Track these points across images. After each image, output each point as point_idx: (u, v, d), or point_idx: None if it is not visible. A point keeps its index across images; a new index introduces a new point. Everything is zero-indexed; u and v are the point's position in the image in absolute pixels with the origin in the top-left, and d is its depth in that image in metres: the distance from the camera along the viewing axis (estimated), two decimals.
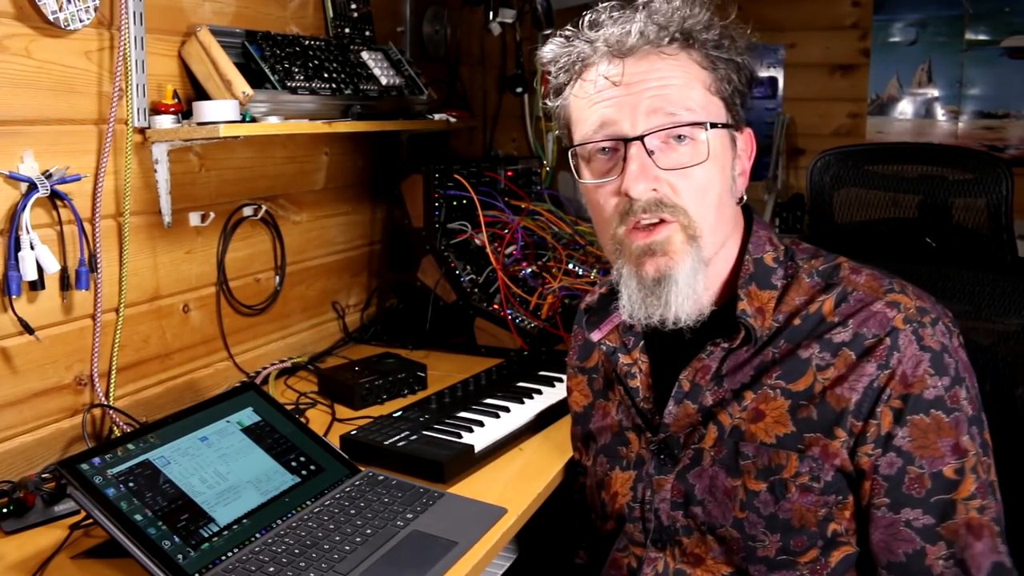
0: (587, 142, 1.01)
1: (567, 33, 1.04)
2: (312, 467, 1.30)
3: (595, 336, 1.16)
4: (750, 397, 1.00)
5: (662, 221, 0.98)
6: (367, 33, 2.09)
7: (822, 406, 0.96)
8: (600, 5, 1.03)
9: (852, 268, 1.02)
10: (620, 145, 0.98)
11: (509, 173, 2.29)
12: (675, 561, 1.07)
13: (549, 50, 1.05)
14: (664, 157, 0.98)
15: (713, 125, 0.98)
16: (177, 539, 1.08)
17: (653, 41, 0.98)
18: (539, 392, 1.64)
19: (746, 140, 1.06)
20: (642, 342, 1.12)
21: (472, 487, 1.33)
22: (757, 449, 0.99)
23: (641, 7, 1.01)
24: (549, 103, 1.08)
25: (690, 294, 0.98)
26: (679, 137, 0.97)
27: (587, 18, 1.03)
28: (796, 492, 0.97)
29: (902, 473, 0.94)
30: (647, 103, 0.97)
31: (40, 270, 1.35)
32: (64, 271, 1.41)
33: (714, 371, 1.03)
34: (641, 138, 0.96)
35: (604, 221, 1.03)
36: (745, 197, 1.06)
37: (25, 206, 1.32)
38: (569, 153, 1.05)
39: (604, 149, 1.00)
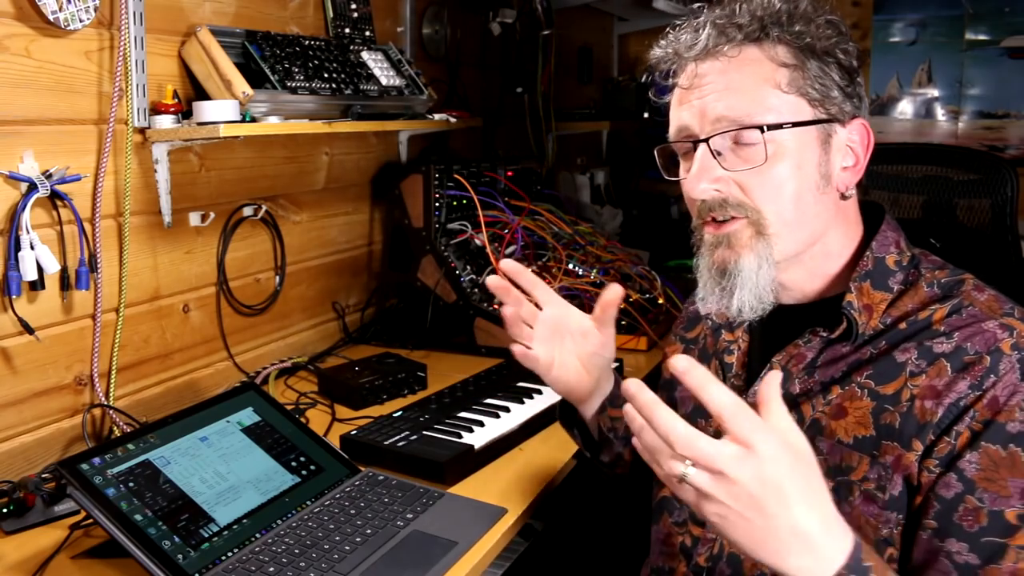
0: (671, 142, 1.06)
1: (669, 35, 1.06)
2: (312, 467, 1.30)
3: (703, 309, 1.17)
4: (836, 392, 0.99)
5: (733, 218, 1.00)
6: (367, 33, 2.09)
7: (906, 416, 0.93)
8: (695, 5, 1.05)
9: (976, 286, 0.99)
10: (692, 146, 1.01)
11: (509, 173, 2.29)
12: (730, 546, 1.05)
13: (654, 54, 1.07)
14: (732, 158, 0.99)
15: (774, 127, 0.96)
16: (177, 539, 1.08)
17: (724, 42, 0.98)
18: (539, 392, 1.64)
19: (856, 132, 1.02)
20: (746, 323, 1.12)
21: (472, 487, 1.33)
22: (832, 447, 0.97)
23: (712, 5, 1.02)
24: (654, 99, 1.12)
25: (753, 288, 0.99)
26: (760, 130, 0.97)
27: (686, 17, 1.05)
28: (859, 497, 0.94)
29: (958, 500, 0.88)
30: (712, 107, 0.98)
31: (40, 270, 1.35)
32: (64, 271, 1.41)
33: (809, 361, 1.02)
34: (706, 140, 0.99)
35: (691, 214, 1.07)
36: (852, 193, 1.03)
37: (25, 206, 1.32)
38: (655, 150, 1.08)
39: (693, 146, 1.02)
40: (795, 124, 0.97)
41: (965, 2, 2.32)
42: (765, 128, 0.96)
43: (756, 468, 0.73)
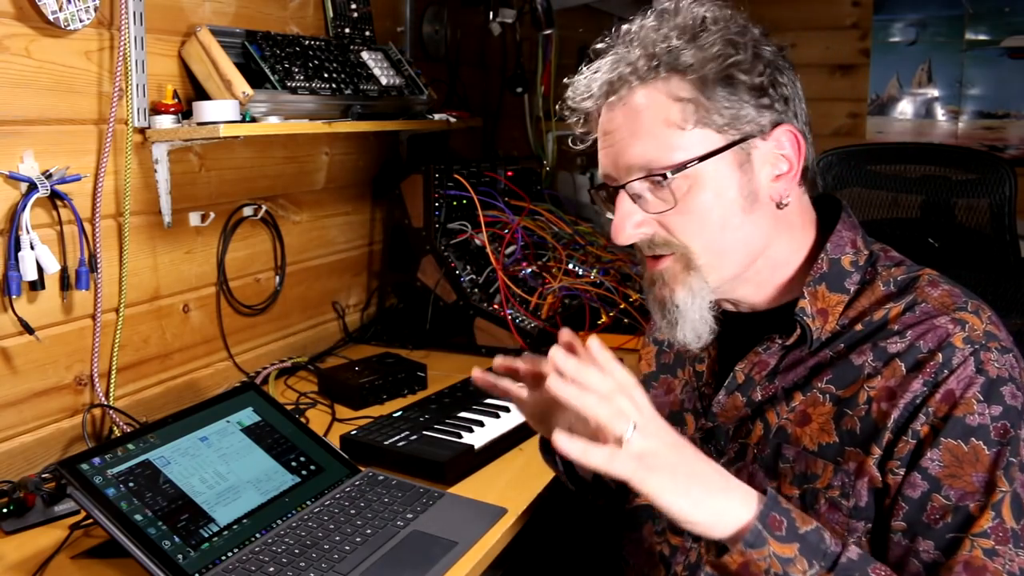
0: (598, 186, 1.06)
1: (579, 77, 1.04)
2: (312, 467, 1.30)
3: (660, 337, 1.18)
4: (799, 398, 0.99)
5: (664, 255, 1.00)
6: (367, 33, 2.09)
7: (864, 419, 0.93)
8: (594, 44, 1.04)
9: (931, 281, 0.98)
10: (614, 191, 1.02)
11: (509, 173, 2.29)
12: (707, 554, 1.05)
13: (571, 91, 1.05)
14: (651, 199, 0.98)
15: (680, 167, 0.95)
16: (177, 539, 1.08)
17: (616, 89, 0.97)
18: None
19: (780, 139, 0.98)
20: (718, 329, 1.11)
21: (472, 487, 1.33)
22: (797, 454, 0.98)
23: (608, 49, 1.01)
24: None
25: (691, 320, 1.00)
26: (657, 182, 0.96)
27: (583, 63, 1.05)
28: (824, 505, 0.94)
29: (926, 499, 0.88)
30: (621, 155, 0.98)
31: (40, 270, 1.35)
32: (64, 271, 1.41)
33: (771, 367, 1.02)
34: (623, 187, 0.99)
35: None
36: (789, 200, 0.99)
37: (25, 206, 1.32)
38: (594, 192, 1.09)
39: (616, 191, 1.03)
40: (703, 158, 0.95)
41: (965, 2, 2.33)
42: (669, 174, 0.95)
43: (661, 428, 0.86)
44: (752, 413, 1.03)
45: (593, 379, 0.84)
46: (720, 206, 0.97)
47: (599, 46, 1.03)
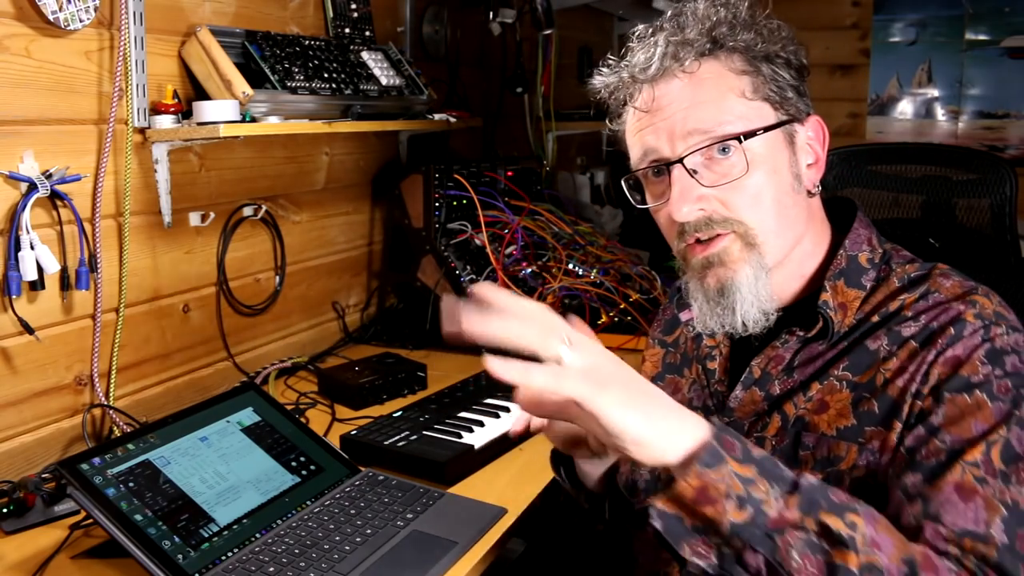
0: (638, 169, 1.04)
1: (610, 62, 1.05)
2: (312, 467, 1.30)
3: (684, 316, 1.17)
4: (816, 388, 0.99)
5: (718, 235, 0.99)
6: (367, 33, 2.09)
7: (882, 399, 0.94)
8: (632, 29, 1.04)
9: (943, 273, 1.00)
10: (665, 169, 1.00)
11: (509, 173, 2.29)
12: (657, 493, 1.04)
13: (599, 81, 1.06)
14: (709, 174, 0.98)
15: (750, 134, 0.96)
16: (177, 539, 1.08)
17: (679, 59, 0.98)
18: None
19: (813, 129, 1.03)
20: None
21: (472, 487, 1.33)
22: (818, 440, 0.98)
23: (662, 27, 1.01)
24: (613, 127, 1.09)
25: (754, 301, 0.99)
26: (723, 150, 0.97)
27: (628, 42, 1.04)
28: (848, 487, 0.93)
29: (922, 443, 0.88)
30: (681, 125, 0.97)
31: (40, 270, 1.35)
32: (64, 271, 1.41)
33: (787, 361, 1.02)
34: (680, 160, 0.97)
35: (668, 238, 1.05)
36: (819, 188, 1.04)
37: (25, 206, 1.32)
38: (623, 180, 1.07)
39: (656, 172, 1.01)
40: (767, 129, 0.98)
41: (965, 2, 2.32)
42: (743, 138, 0.96)
43: (601, 348, 0.80)
44: (769, 407, 1.02)
45: (513, 306, 0.79)
46: (776, 183, 0.99)
47: (638, 29, 1.03)
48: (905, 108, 2.41)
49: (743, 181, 0.97)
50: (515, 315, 0.78)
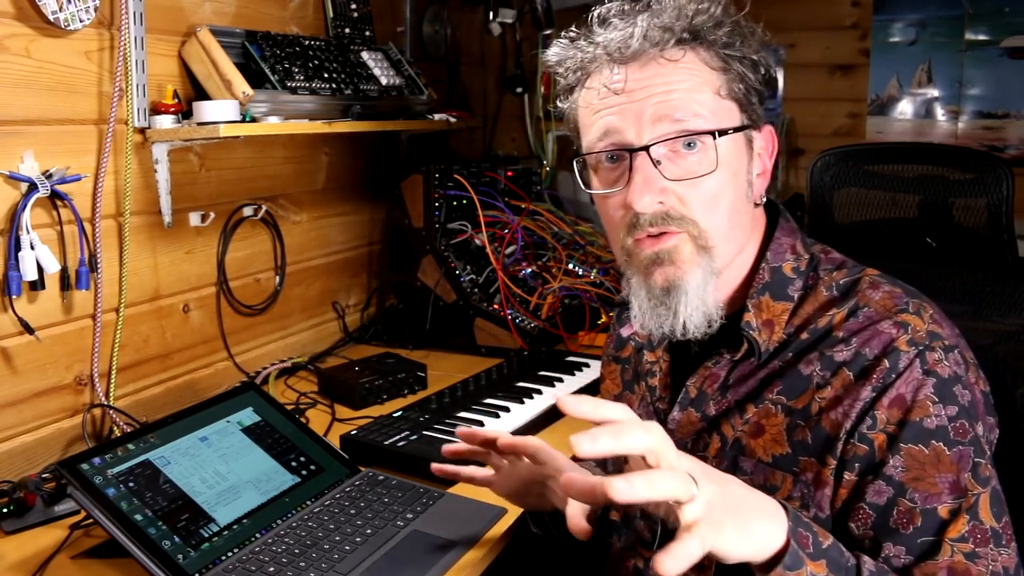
0: (592, 151, 0.98)
1: (571, 34, 1.00)
2: (312, 467, 1.30)
3: (625, 332, 1.15)
4: (752, 410, 0.97)
5: (670, 232, 0.94)
6: (367, 33, 2.09)
7: (816, 430, 0.92)
8: (607, 4, 0.98)
9: (872, 283, 0.96)
10: (625, 155, 0.94)
11: (509, 173, 2.29)
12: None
13: (554, 53, 1.01)
14: (672, 167, 0.93)
15: (723, 132, 0.93)
16: (177, 539, 1.08)
17: (658, 44, 0.93)
18: (539, 392, 1.64)
19: (765, 138, 1.00)
20: (667, 341, 1.07)
21: (472, 487, 1.32)
22: (755, 466, 0.96)
23: (645, 6, 0.96)
24: (559, 104, 1.04)
25: (699, 305, 0.95)
26: (689, 145, 0.92)
27: (593, 16, 0.98)
28: None
29: (891, 505, 0.86)
30: (652, 110, 0.92)
31: (40, 270, 1.35)
32: (64, 271, 1.41)
33: (722, 380, 1.00)
34: (646, 148, 0.92)
35: (613, 230, 1.00)
36: (765, 198, 1.00)
37: (25, 206, 1.32)
38: (574, 161, 1.02)
39: (612, 157, 0.96)
40: (736, 129, 0.94)
41: (965, 2, 2.32)
42: (716, 135, 0.92)
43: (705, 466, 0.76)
44: (708, 427, 1.00)
45: (639, 444, 0.70)
46: (735, 187, 0.96)
47: (612, 5, 0.97)
48: (905, 108, 2.41)
49: (705, 180, 0.92)
50: (655, 466, 0.70)
